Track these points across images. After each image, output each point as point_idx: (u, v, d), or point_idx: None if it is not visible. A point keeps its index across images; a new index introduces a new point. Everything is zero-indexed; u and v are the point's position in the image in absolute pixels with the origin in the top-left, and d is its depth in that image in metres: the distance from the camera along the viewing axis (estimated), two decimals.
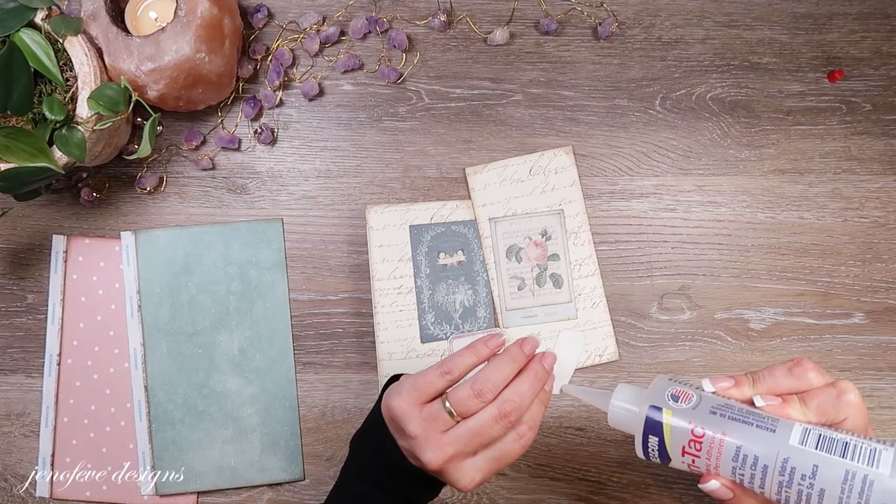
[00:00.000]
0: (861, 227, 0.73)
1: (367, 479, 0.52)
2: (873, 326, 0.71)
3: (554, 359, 0.50)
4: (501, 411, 0.46)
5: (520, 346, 0.49)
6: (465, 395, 0.47)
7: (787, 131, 0.74)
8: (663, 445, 0.43)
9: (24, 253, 0.72)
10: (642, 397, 0.44)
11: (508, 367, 0.48)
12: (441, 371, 0.48)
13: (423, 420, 0.47)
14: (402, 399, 0.48)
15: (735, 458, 0.40)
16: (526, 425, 0.48)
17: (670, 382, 0.44)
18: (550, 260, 0.71)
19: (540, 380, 0.48)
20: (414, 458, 0.48)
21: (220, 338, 0.70)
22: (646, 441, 0.43)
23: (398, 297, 0.70)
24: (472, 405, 0.47)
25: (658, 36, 0.75)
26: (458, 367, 0.48)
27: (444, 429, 0.47)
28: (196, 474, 0.68)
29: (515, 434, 0.48)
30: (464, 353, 0.49)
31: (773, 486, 0.39)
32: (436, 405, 0.47)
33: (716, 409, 0.42)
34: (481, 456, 0.48)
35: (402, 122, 0.74)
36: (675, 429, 0.42)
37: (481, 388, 0.47)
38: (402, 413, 0.48)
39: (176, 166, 0.73)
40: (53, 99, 0.61)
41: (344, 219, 0.73)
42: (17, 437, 0.70)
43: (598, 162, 0.73)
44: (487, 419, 0.46)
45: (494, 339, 0.49)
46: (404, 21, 0.76)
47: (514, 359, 0.48)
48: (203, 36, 0.65)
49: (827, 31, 0.76)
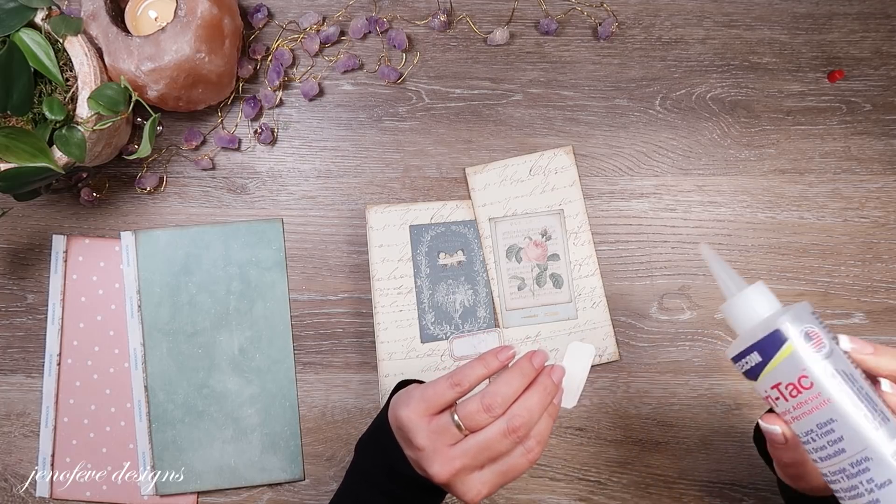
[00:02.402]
0: (861, 227, 0.73)
1: (371, 484, 0.52)
2: (873, 326, 0.71)
3: (563, 372, 0.49)
4: (510, 426, 0.46)
5: (529, 359, 0.48)
6: (474, 409, 0.46)
7: (787, 131, 0.74)
8: (762, 368, 0.39)
9: (24, 253, 0.72)
10: (778, 311, 0.40)
11: (518, 381, 0.47)
12: (451, 383, 0.48)
13: (431, 432, 0.47)
14: (410, 410, 0.48)
15: (821, 426, 0.38)
16: (534, 440, 0.47)
17: (812, 318, 0.40)
18: (550, 260, 0.71)
19: (549, 394, 0.48)
20: (421, 470, 0.48)
21: (220, 338, 0.70)
22: (748, 352, 0.40)
23: (398, 297, 0.70)
24: (482, 419, 0.46)
25: (658, 36, 0.75)
26: (468, 379, 0.48)
27: (452, 442, 0.47)
28: (196, 474, 0.68)
29: (523, 448, 0.47)
30: (473, 365, 0.48)
31: (835, 466, 0.38)
32: (444, 418, 0.47)
33: (839, 372, 0.38)
34: (488, 469, 0.47)
35: (402, 122, 0.74)
36: (788, 364, 0.38)
37: (491, 403, 0.46)
38: (410, 424, 0.47)
39: (176, 166, 0.73)
40: (53, 99, 0.61)
41: (344, 219, 0.73)
42: (17, 437, 0.70)
43: (598, 162, 0.73)
44: (496, 434, 0.46)
45: (504, 351, 0.49)
46: (404, 21, 0.76)
47: (524, 372, 0.48)
48: (203, 36, 0.65)
49: (827, 31, 0.76)
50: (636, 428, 0.70)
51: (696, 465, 0.69)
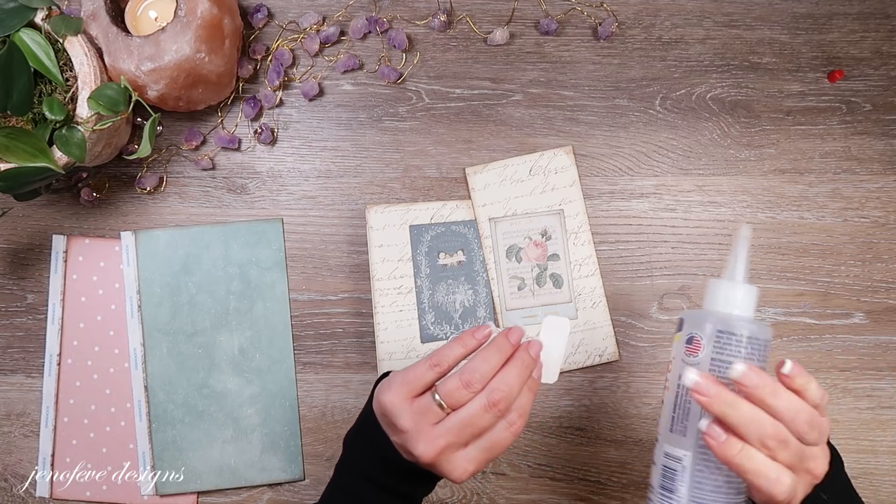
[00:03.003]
0: (861, 227, 0.73)
1: (361, 476, 0.52)
2: (873, 326, 0.71)
3: (540, 347, 0.50)
4: (490, 400, 0.47)
5: (506, 335, 0.49)
6: (453, 387, 0.47)
7: (787, 131, 0.74)
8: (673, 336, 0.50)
9: (24, 253, 0.72)
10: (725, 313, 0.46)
11: (495, 357, 0.48)
12: (430, 364, 0.49)
13: (413, 413, 0.48)
14: (392, 393, 0.48)
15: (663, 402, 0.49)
16: (515, 413, 0.48)
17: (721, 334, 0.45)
18: (550, 260, 0.71)
19: (527, 367, 0.49)
20: (406, 453, 0.49)
21: (220, 338, 0.70)
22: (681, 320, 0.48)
23: (398, 297, 0.70)
24: (462, 396, 0.47)
25: (658, 36, 0.75)
26: (447, 358, 0.49)
27: (435, 421, 0.47)
28: (196, 474, 0.68)
29: (505, 422, 0.48)
30: (452, 345, 0.49)
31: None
32: (426, 398, 0.48)
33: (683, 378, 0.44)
34: (473, 446, 0.48)
35: (402, 122, 0.74)
36: (674, 348, 0.48)
37: (469, 379, 0.47)
38: (392, 407, 0.48)
39: (176, 166, 0.73)
40: (53, 99, 0.61)
41: (344, 219, 0.73)
42: (17, 437, 0.70)
43: (598, 162, 0.73)
44: (477, 409, 0.47)
45: (481, 330, 0.50)
46: (404, 21, 0.76)
47: (501, 349, 0.49)
48: (203, 36, 0.65)
49: (827, 31, 0.76)
50: (636, 428, 0.70)
51: None
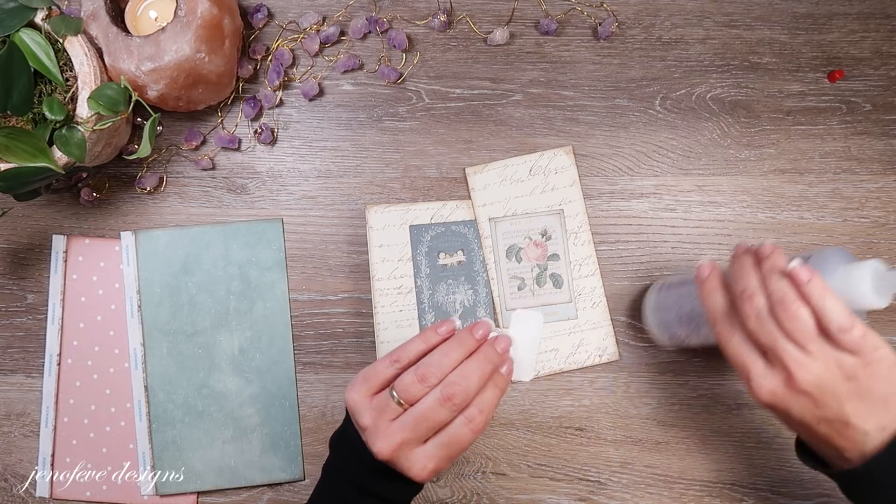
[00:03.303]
0: (861, 227, 0.73)
1: (345, 479, 0.51)
2: (873, 326, 0.71)
3: (508, 342, 0.48)
4: (444, 394, 0.45)
5: (470, 330, 0.48)
6: (409, 381, 0.46)
7: (787, 131, 0.74)
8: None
9: (24, 253, 0.72)
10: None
11: (456, 352, 0.47)
12: (390, 360, 0.48)
13: (372, 410, 0.47)
14: (354, 391, 0.48)
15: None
16: (476, 408, 0.47)
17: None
18: (550, 260, 0.71)
19: (489, 362, 0.47)
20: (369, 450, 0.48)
21: (220, 338, 0.70)
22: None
23: (398, 297, 0.70)
24: (416, 391, 0.46)
25: (658, 36, 0.75)
26: (407, 354, 0.48)
27: (392, 417, 0.47)
28: (196, 474, 0.68)
29: (464, 418, 0.47)
30: (413, 341, 0.48)
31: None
32: (384, 394, 0.47)
33: None
34: (431, 443, 0.47)
35: (402, 122, 0.74)
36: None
37: (424, 373, 0.46)
38: (354, 405, 0.48)
39: (176, 166, 0.73)
40: (53, 99, 0.61)
41: (344, 219, 0.73)
42: (17, 437, 0.70)
43: (598, 162, 0.73)
44: (432, 403, 0.46)
45: (445, 325, 0.49)
46: (404, 21, 0.76)
47: (463, 343, 0.47)
48: (203, 36, 0.65)
49: (827, 31, 0.76)
50: (636, 428, 0.70)
51: (696, 465, 0.69)
